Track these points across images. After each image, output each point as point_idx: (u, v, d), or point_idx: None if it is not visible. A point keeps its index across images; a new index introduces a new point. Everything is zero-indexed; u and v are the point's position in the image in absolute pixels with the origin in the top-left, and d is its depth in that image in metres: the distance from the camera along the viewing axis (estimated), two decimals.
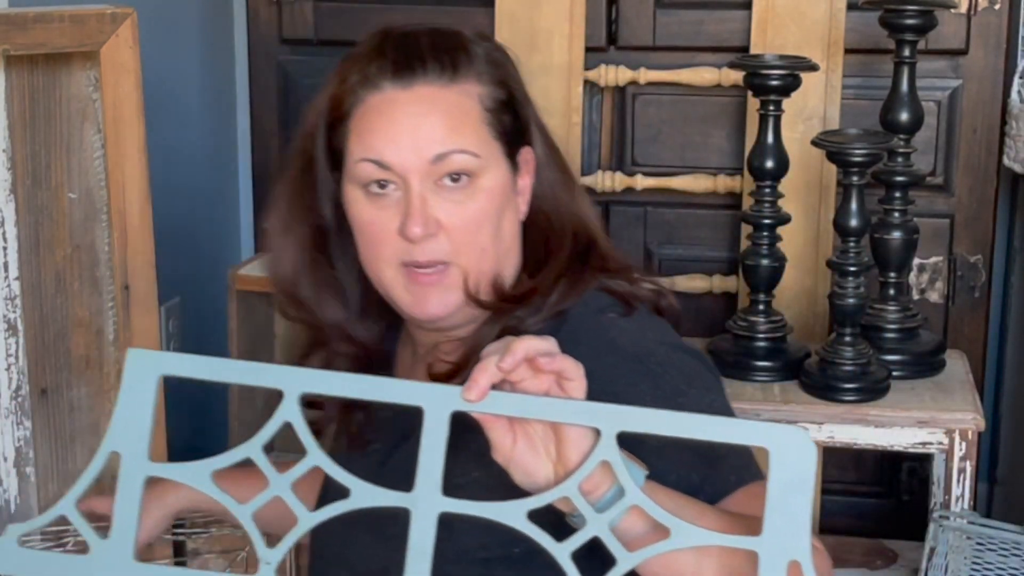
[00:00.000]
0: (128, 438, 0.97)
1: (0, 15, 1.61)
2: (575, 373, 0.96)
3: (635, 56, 2.44)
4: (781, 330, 2.01)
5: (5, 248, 1.65)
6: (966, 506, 1.89)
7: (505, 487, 0.98)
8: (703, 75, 2.40)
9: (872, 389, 1.91)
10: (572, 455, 0.96)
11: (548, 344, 0.96)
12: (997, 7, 2.35)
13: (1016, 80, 2.35)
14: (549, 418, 0.94)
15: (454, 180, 1.22)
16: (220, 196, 2.74)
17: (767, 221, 1.98)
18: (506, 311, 1.24)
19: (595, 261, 1.30)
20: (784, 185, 2.00)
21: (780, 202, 1.99)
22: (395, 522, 0.96)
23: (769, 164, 1.97)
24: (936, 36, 2.16)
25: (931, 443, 1.89)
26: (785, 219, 2.00)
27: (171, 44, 2.48)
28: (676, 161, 2.48)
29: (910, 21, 1.98)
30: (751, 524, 0.92)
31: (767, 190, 1.98)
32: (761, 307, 2.01)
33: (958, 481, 1.88)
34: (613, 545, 0.93)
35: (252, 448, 0.97)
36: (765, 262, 1.99)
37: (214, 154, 2.71)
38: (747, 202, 2.24)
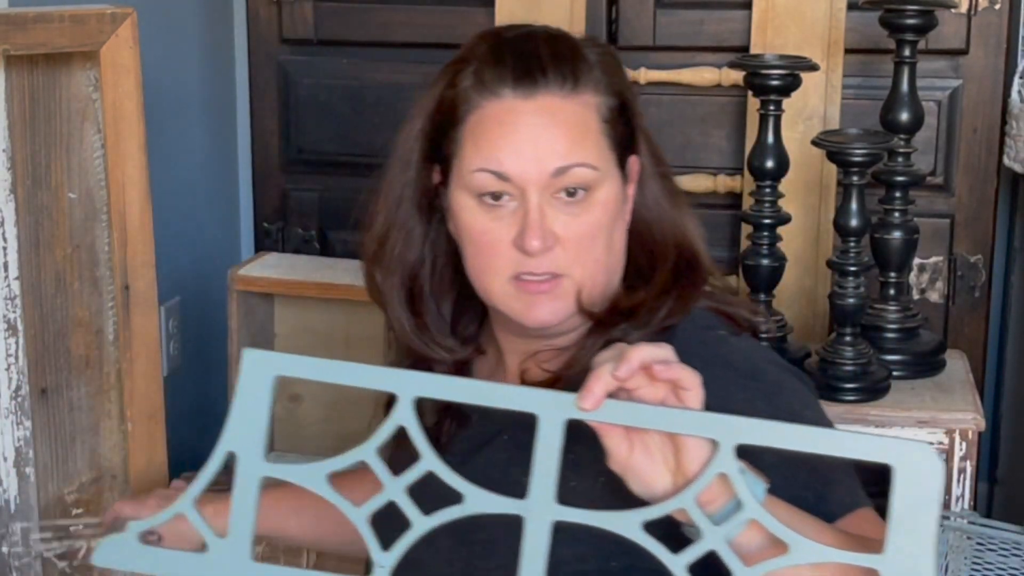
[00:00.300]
0: (244, 438, 0.98)
1: (0, 15, 1.60)
2: (692, 383, 0.94)
3: (635, 56, 2.44)
4: (781, 330, 2.01)
5: (5, 248, 1.64)
6: (966, 506, 1.89)
7: (613, 497, 0.97)
8: (703, 75, 2.41)
9: (872, 389, 1.91)
10: (691, 465, 0.94)
11: (664, 352, 0.94)
12: (997, 7, 2.35)
13: (1016, 80, 2.35)
14: (665, 428, 0.93)
15: (570, 194, 1.20)
16: (220, 196, 2.74)
17: (767, 221, 1.98)
18: (613, 323, 1.23)
19: (698, 277, 1.28)
20: (784, 185, 2.00)
21: (780, 202, 1.99)
22: (480, 528, 0.94)
23: (769, 164, 1.97)
24: (936, 36, 2.16)
25: (931, 443, 1.89)
26: (785, 219, 2.00)
27: (171, 44, 2.48)
28: (676, 161, 2.47)
29: (910, 21, 1.98)
30: (870, 545, 0.90)
31: (767, 190, 1.98)
32: (761, 307, 2.01)
33: (958, 481, 1.88)
34: (730, 559, 0.91)
35: (366, 451, 0.97)
36: (765, 262, 1.99)
37: (214, 154, 2.71)
38: (747, 202, 2.24)
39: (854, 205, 1.87)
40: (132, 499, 1.57)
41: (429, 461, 0.96)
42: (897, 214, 2.01)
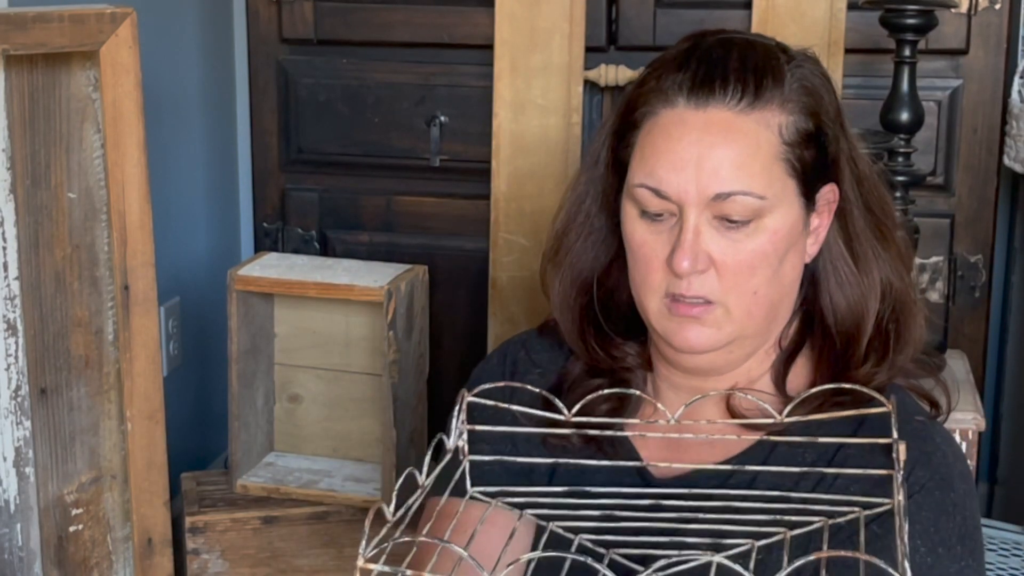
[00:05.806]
0: None
1: (0, 15, 1.60)
2: None
3: (635, 56, 2.44)
4: None
5: (5, 248, 1.64)
6: None
7: None
8: None
9: None
10: None
11: None
12: (997, 7, 2.35)
13: (1016, 80, 2.35)
14: None
15: (732, 221, 1.14)
16: (220, 196, 2.74)
17: None
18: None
19: (903, 338, 1.20)
20: None
21: None
22: None
23: None
24: (936, 36, 2.16)
25: None
26: None
27: (171, 44, 2.48)
28: None
29: (910, 21, 1.98)
30: None
31: None
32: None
33: None
34: None
35: None
36: None
37: (214, 154, 2.71)
38: None
39: None
40: None
41: None
42: (897, 214, 2.01)
